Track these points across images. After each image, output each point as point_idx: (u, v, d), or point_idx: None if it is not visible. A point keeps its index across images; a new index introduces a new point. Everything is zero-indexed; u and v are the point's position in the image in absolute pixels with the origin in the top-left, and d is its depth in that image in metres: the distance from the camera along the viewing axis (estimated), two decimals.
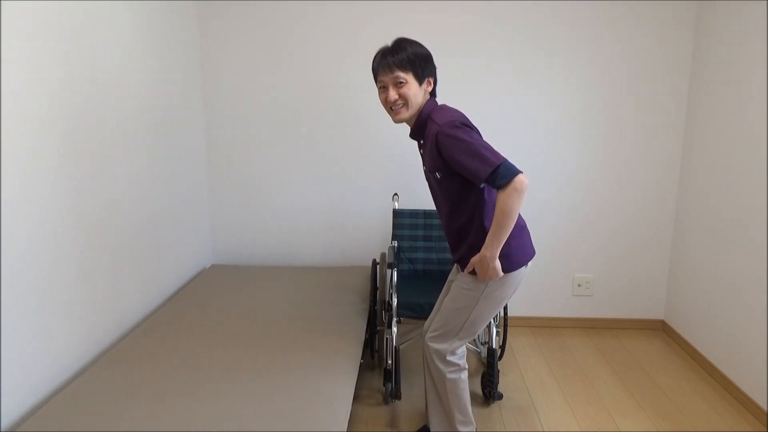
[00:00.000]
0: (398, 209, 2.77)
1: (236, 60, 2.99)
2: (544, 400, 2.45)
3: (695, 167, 2.89)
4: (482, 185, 1.70)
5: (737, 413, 2.37)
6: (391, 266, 2.38)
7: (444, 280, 2.66)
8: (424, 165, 1.85)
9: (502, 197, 1.58)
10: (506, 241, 1.69)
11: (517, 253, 1.78)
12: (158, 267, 2.52)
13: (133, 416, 1.56)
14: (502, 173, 1.57)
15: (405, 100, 1.72)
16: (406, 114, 1.75)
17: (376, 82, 1.79)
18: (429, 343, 1.90)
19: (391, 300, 2.34)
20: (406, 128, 3.03)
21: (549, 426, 2.25)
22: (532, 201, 3.11)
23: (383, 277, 2.67)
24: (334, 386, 1.75)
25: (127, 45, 2.21)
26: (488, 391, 2.36)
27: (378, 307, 2.63)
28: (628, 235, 3.15)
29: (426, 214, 2.76)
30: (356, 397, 2.42)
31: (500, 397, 2.38)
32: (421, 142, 1.82)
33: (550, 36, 2.93)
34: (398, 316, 2.33)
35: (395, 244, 2.74)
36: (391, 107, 1.75)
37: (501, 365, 2.76)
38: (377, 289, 2.65)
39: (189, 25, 2.84)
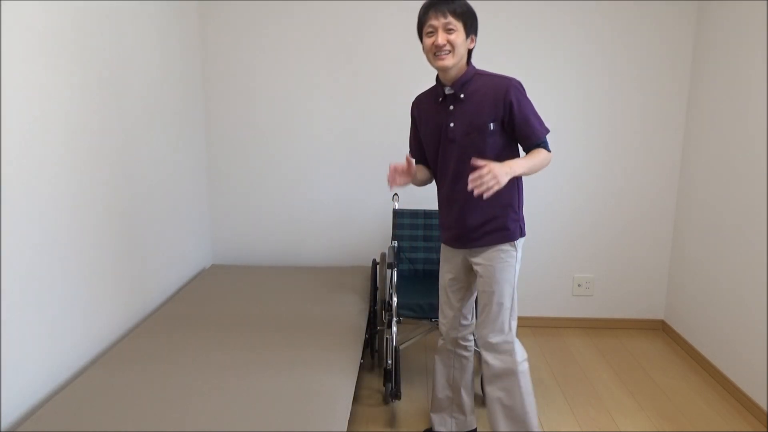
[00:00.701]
0: (398, 209, 2.77)
1: (236, 60, 2.99)
2: (544, 400, 2.45)
3: (695, 167, 2.89)
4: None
5: (737, 413, 2.37)
6: (391, 266, 2.38)
7: None
8: (452, 123, 1.83)
9: (546, 154, 1.78)
10: (517, 209, 1.88)
11: (523, 221, 1.92)
12: (158, 267, 2.52)
13: (133, 416, 1.56)
14: (546, 141, 1.81)
15: (452, 47, 1.74)
16: (450, 61, 1.76)
17: (421, 30, 1.79)
18: (491, 340, 1.86)
19: (391, 300, 2.34)
20: (406, 128, 3.03)
21: (549, 426, 2.25)
22: (532, 201, 3.11)
23: (383, 277, 2.67)
24: (334, 386, 1.75)
25: (128, 46, 2.21)
26: None
27: (378, 307, 2.63)
28: (628, 235, 3.15)
29: (426, 214, 2.76)
30: (356, 397, 2.42)
31: None
32: (462, 96, 1.82)
33: (549, 36, 2.93)
34: (398, 316, 2.33)
35: (395, 244, 2.74)
36: (435, 52, 1.75)
37: None
38: (377, 289, 2.65)
39: (189, 25, 2.84)
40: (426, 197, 3.11)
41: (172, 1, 2.62)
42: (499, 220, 1.85)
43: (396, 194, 2.83)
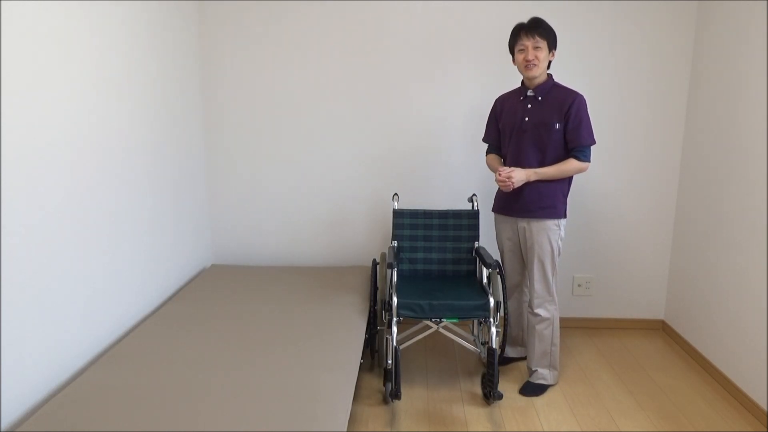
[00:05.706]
0: (398, 209, 2.77)
1: (236, 60, 2.99)
2: (544, 400, 2.45)
3: (695, 167, 2.89)
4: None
5: (737, 413, 2.37)
6: (391, 266, 2.39)
7: (443, 279, 2.67)
8: (527, 117, 2.37)
9: (577, 163, 2.34)
10: (566, 194, 2.42)
11: (566, 205, 2.44)
12: (158, 267, 2.52)
13: (133, 416, 1.56)
14: (589, 152, 2.35)
15: (538, 61, 2.29)
16: (536, 71, 2.31)
17: (514, 47, 2.34)
18: (536, 299, 2.45)
19: (391, 300, 2.34)
20: (405, 128, 3.03)
21: (549, 426, 2.25)
22: None
23: (383, 277, 2.67)
24: (334, 386, 1.75)
25: (128, 46, 2.21)
26: (488, 391, 2.36)
27: (378, 307, 2.63)
28: (629, 235, 3.15)
29: (426, 214, 2.76)
30: (356, 397, 2.42)
31: (500, 397, 2.38)
32: (539, 98, 2.36)
33: None
34: (398, 316, 2.33)
35: (395, 244, 2.74)
36: (526, 65, 2.30)
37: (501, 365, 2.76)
38: (377, 289, 2.65)
39: (189, 26, 2.84)
40: (426, 197, 3.11)
41: (171, 1, 2.62)
42: (548, 200, 2.37)
43: (396, 194, 2.83)
